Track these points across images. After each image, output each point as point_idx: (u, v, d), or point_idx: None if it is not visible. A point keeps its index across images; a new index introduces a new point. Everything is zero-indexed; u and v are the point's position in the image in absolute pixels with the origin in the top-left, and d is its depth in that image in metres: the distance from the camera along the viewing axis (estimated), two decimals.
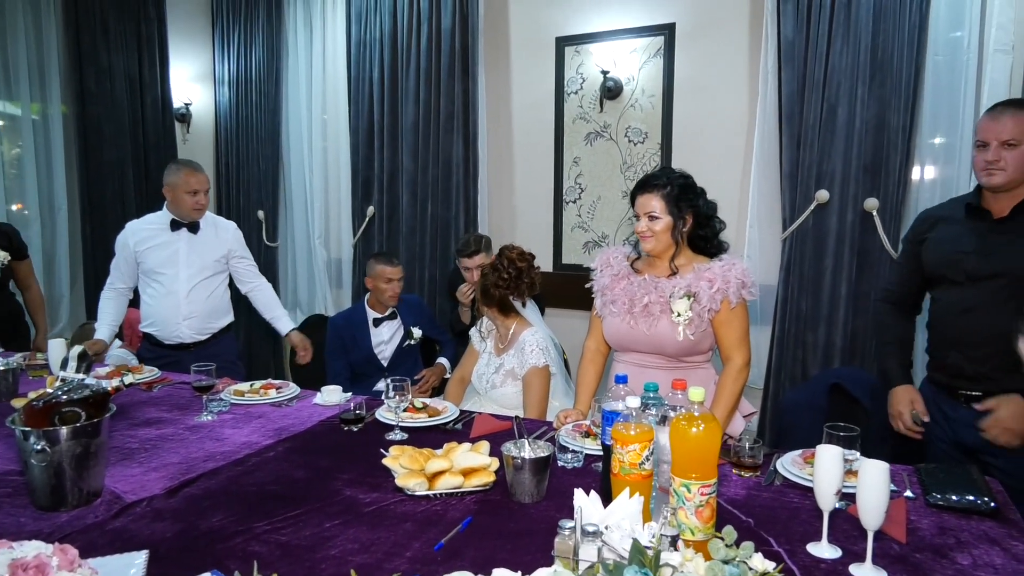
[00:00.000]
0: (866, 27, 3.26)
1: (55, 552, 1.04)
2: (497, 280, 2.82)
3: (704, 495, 1.38)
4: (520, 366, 2.77)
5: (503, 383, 2.82)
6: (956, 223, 2.29)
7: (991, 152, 2.15)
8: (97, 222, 4.80)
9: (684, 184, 2.31)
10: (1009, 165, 2.13)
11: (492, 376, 2.86)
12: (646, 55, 3.94)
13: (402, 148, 4.53)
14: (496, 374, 2.85)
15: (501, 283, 2.81)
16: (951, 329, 2.26)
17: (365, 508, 1.67)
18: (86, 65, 4.72)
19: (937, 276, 2.31)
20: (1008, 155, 2.13)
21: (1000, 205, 2.20)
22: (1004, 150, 2.14)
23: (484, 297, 2.86)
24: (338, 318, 3.72)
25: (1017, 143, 2.12)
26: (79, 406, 1.64)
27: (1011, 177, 2.14)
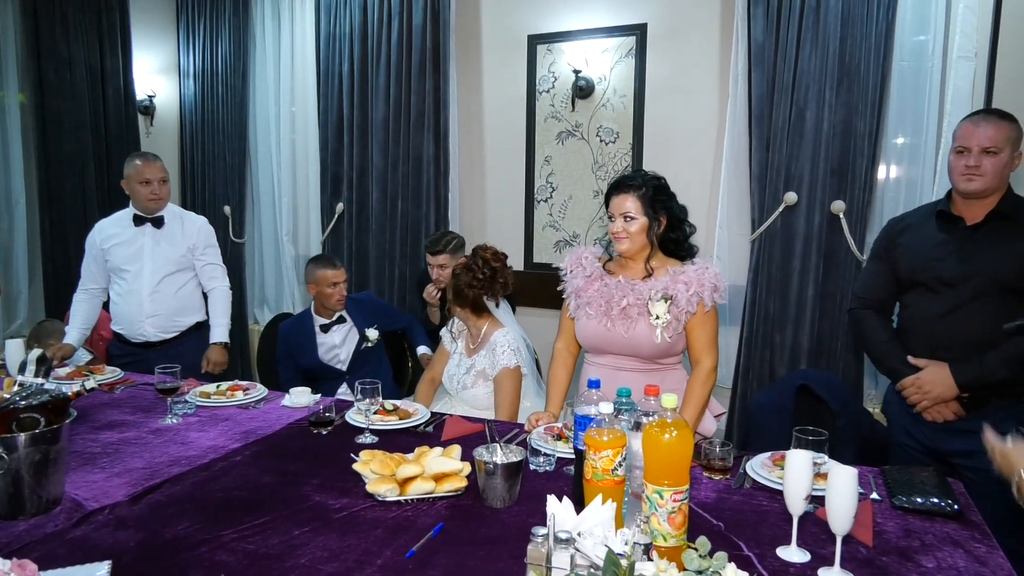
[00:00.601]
0: (834, 32, 3.30)
1: (13, 568, 1.01)
2: (471, 280, 2.79)
3: (676, 502, 1.38)
4: (491, 367, 2.76)
5: (474, 384, 2.80)
6: (928, 229, 2.33)
7: (972, 158, 2.19)
8: (56, 216, 4.66)
9: (658, 185, 2.32)
10: (988, 172, 2.18)
11: (463, 377, 2.84)
12: (618, 55, 3.94)
13: (372, 144, 4.48)
14: (467, 375, 2.84)
15: (475, 283, 2.79)
16: (928, 335, 2.29)
17: (335, 515, 1.64)
18: (45, 54, 4.57)
19: (911, 282, 2.34)
20: (987, 162, 2.18)
21: (972, 212, 2.24)
22: (984, 157, 2.18)
23: (457, 297, 2.83)
24: (286, 326, 3.58)
25: (997, 151, 2.17)
26: (38, 412, 1.59)
27: (988, 184, 2.19)
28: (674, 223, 2.34)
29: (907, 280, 2.35)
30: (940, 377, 2.22)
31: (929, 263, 2.28)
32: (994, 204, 2.21)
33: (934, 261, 2.27)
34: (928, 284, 2.28)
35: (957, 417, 2.25)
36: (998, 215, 2.20)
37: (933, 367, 2.24)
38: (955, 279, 2.22)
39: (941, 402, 2.24)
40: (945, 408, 2.25)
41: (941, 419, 2.27)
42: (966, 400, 2.23)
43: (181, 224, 3.24)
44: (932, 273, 2.27)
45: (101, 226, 3.24)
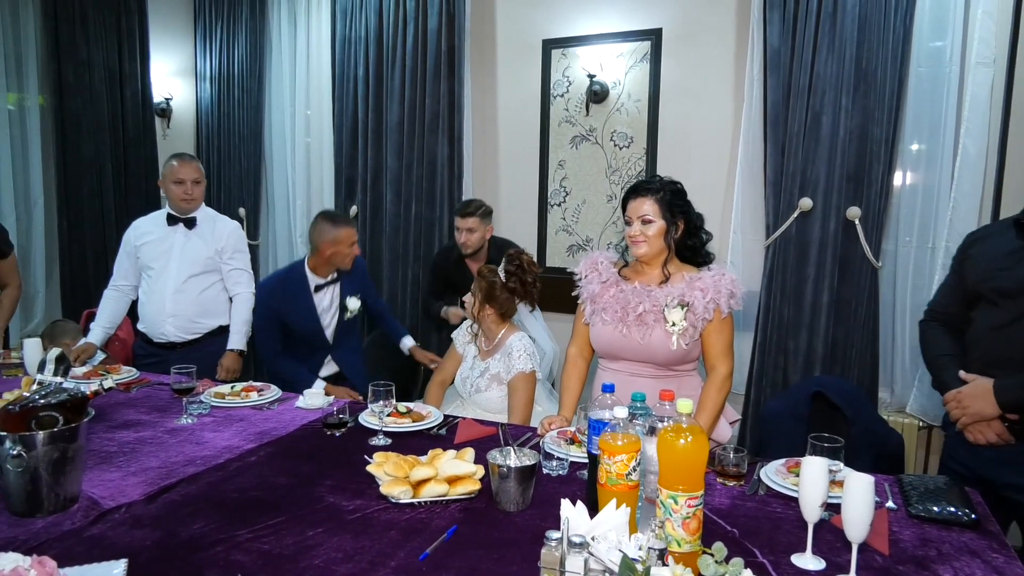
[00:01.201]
0: (851, 37, 3.28)
1: (33, 564, 1.02)
2: (509, 282, 2.80)
3: (691, 507, 1.38)
4: (507, 371, 2.75)
5: (488, 387, 2.80)
6: (1001, 240, 2.17)
7: None
8: (74, 217, 4.71)
9: (676, 190, 2.32)
10: None
11: (477, 380, 2.84)
12: (633, 59, 3.94)
13: (386, 147, 4.50)
14: (481, 378, 2.84)
15: (512, 286, 2.80)
16: (983, 349, 2.16)
17: (349, 516, 1.65)
18: (64, 57, 4.63)
19: (975, 295, 2.21)
20: None
21: None
22: None
23: (488, 298, 2.81)
24: (270, 283, 3.27)
25: None
26: (56, 410, 1.61)
27: None
28: (691, 229, 2.34)
29: (972, 292, 2.21)
30: (981, 392, 2.07)
31: (992, 273, 2.13)
32: None
33: (997, 271, 2.12)
34: (989, 296, 2.14)
35: (1003, 442, 2.07)
36: None
37: (978, 381, 2.10)
38: (1015, 291, 2.06)
39: (982, 420, 2.08)
40: (987, 428, 2.08)
41: (984, 440, 2.10)
42: (1018, 426, 2.05)
43: (213, 226, 3.26)
44: (993, 284, 2.12)
45: (137, 224, 3.28)
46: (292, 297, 3.17)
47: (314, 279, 3.21)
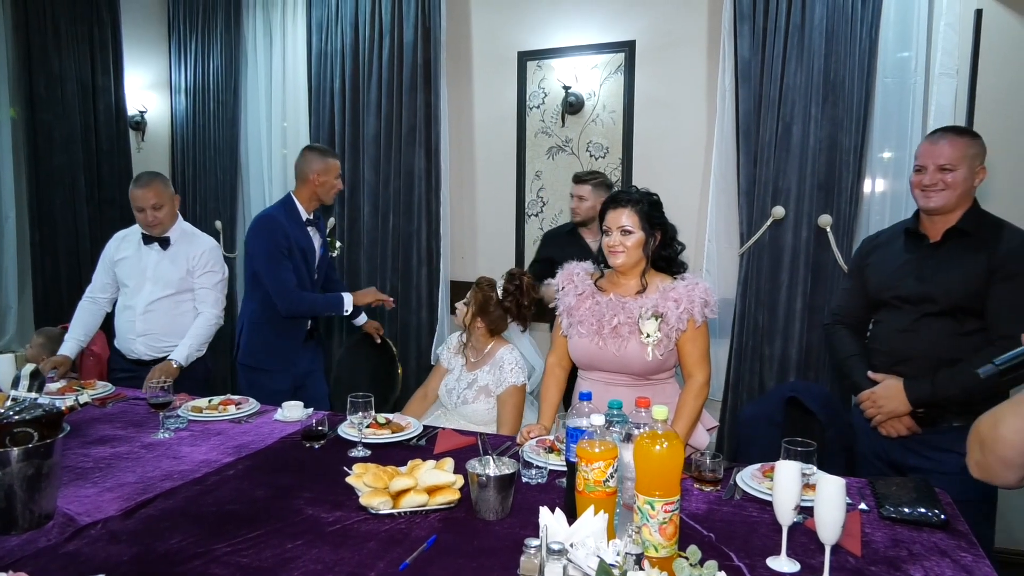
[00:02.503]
0: (819, 49, 3.35)
1: None
2: (504, 300, 2.85)
3: (667, 512, 1.40)
4: (496, 383, 2.78)
5: (475, 399, 2.81)
6: (895, 248, 2.40)
7: (928, 176, 2.25)
8: (47, 230, 4.66)
9: (654, 201, 2.36)
10: (948, 188, 2.22)
11: (464, 391, 2.85)
12: (607, 71, 3.99)
13: (363, 160, 4.51)
14: (468, 389, 2.85)
15: (507, 304, 2.85)
16: (888, 350, 2.34)
17: (328, 528, 1.65)
18: (36, 69, 4.58)
19: (878, 300, 2.40)
20: (946, 179, 2.22)
21: (935, 229, 2.29)
22: (940, 174, 2.23)
23: (481, 311, 2.85)
24: (274, 213, 3.17)
25: (953, 167, 2.22)
26: (31, 426, 1.59)
27: (947, 200, 2.23)
28: (667, 240, 2.37)
29: (874, 298, 2.42)
30: (893, 392, 2.26)
31: (891, 282, 2.34)
32: (954, 221, 2.25)
33: (895, 280, 2.33)
34: (891, 302, 2.35)
35: (911, 432, 2.28)
36: (957, 232, 2.24)
37: (888, 382, 2.29)
38: (913, 297, 2.27)
39: (894, 417, 2.28)
40: (899, 423, 2.29)
41: (895, 433, 2.31)
42: (922, 416, 2.26)
43: (188, 245, 3.20)
44: (893, 292, 2.34)
45: (118, 236, 3.25)
46: (295, 226, 3.16)
47: (304, 212, 3.22)
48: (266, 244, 3.07)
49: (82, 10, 4.79)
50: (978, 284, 2.17)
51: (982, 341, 2.16)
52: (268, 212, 3.24)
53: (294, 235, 3.14)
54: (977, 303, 2.18)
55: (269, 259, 3.06)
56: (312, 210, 3.25)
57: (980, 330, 2.18)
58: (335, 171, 3.21)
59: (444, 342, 3.07)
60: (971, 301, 2.18)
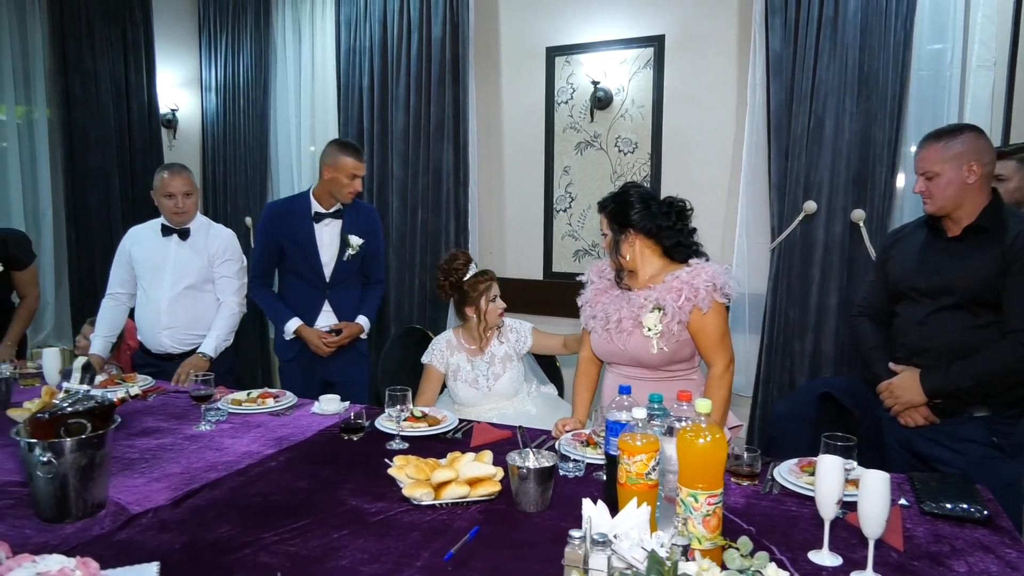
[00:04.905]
0: (853, 42, 3.32)
1: (78, 566, 1.05)
2: None
3: (711, 505, 1.40)
4: (515, 344, 3.01)
5: (504, 370, 2.94)
6: (915, 241, 2.40)
7: (918, 184, 2.28)
8: (82, 228, 4.74)
9: (620, 201, 2.37)
10: (935, 194, 2.24)
11: (489, 371, 2.94)
12: (636, 66, 3.98)
13: (392, 156, 4.54)
14: (492, 367, 2.95)
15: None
16: (907, 342, 2.35)
17: (371, 518, 1.68)
18: (71, 69, 4.66)
19: (897, 292, 2.41)
20: (931, 186, 2.24)
21: (955, 225, 2.28)
22: (927, 182, 2.24)
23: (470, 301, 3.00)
24: (275, 203, 3.31)
25: (935, 174, 2.22)
26: (84, 417, 1.64)
27: (940, 205, 2.24)
28: (650, 231, 2.34)
29: (894, 290, 2.43)
30: (909, 383, 2.29)
31: (909, 275, 2.36)
32: (973, 219, 2.24)
33: (913, 273, 2.34)
34: (909, 294, 2.36)
35: (929, 422, 2.30)
36: (975, 229, 2.23)
37: (906, 373, 2.31)
38: (929, 290, 2.28)
39: (912, 407, 2.31)
40: (916, 413, 2.31)
41: (913, 424, 2.33)
42: (941, 407, 2.28)
43: (206, 236, 3.24)
44: (910, 284, 2.35)
45: (132, 232, 3.28)
46: (295, 219, 3.18)
47: (316, 206, 3.20)
48: (258, 227, 3.32)
49: (115, 11, 4.86)
50: (993, 276, 2.17)
51: (997, 334, 2.17)
52: (272, 201, 3.36)
53: (290, 228, 3.17)
54: (992, 296, 2.18)
55: (259, 236, 3.29)
56: (330, 206, 3.22)
57: (996, 323, 2.19)
58: (347, 169, 3.10)
59: (430, 348, 3.07)
60: (986, 294, 2.18)
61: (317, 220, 3.21)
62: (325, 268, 3.24)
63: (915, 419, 2.32)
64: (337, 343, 3.20)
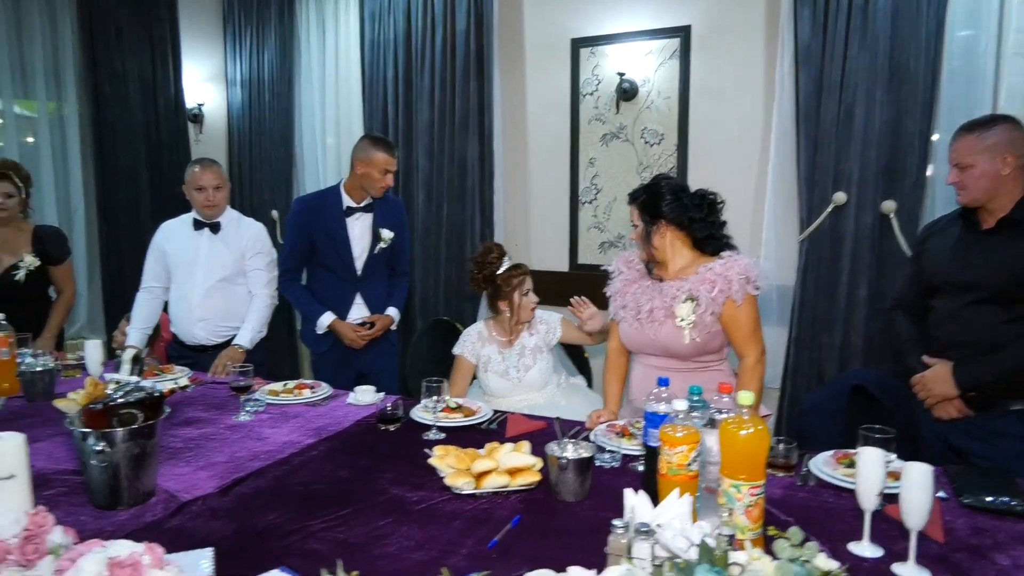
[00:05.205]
0: (883, 30, 3.29)
1: (145, 551, 1.08)
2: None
3: (753, 495, 1.42)
4: (545, 335, 3.02)
5: (535, 361, 2.96)
6: (950, 234, 2.39)
7: (951, 175, 2.27)
8: (112, 223, 4.83)
9: (652, 192, 2.37)
10: (968, 186, 2.22)
11: (519, 362, 2.97)
12: (662, 57, 3.97)
13: (417, 148, 4.57)
14: (523, 358, 2.97)
15: None
16: (943, 333, 2.35)
17: (414, 506, 1.71)
18: (100, 67, 4.74)
19: (932, 285, 2.40)
20: (964, 177, 2.22)
21: (989, 217, 2.27)
22: (960, 173, 2.23)
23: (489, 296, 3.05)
24: (306, 197, 3.37)
25: (968, 165, 2.21)
26: (136, 408, 1.68)
27: (973, 197, 2.24)
28: (681, 223, 2.35)
29: (928, 283, 2.42)
30: (942, 376, 2.29)
31: (943, 268, 2.35)
32: (1006, 211, 2.22)
33: (947, 266, 2.34)
34: (943, 288, 2.35)
35: (963, 415, 2.30)
36: (1009, 222, 2.22)
37: (939, 366, 2.31)
38: (963, 283, 2.27)
39: (945, 400, 2.30)
40: (949, 406, 2.31)
41: (947, 416, 2.33)
42: (975, 400, 2.27)
43: (237, 229, 3.28)
44: (944, 277, 2.34)
45: (164, 227, 3.32)
46: (325, 212, 3.21)
47: (347, 200, 3.23)
48: (288, 223, 3.36)
49: (142, 7, 4.92)
50: None
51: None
52: (302, 196, 3.40)
53: (322, 222, 3.20)
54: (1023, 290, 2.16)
55: (290, 232, 3.33)
56: (360, 200, 3.25)
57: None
58: (380, 164, 3.12)
59: (461, 340, 3.09)
60: (1017, 288, 2.17)
61: (348, 214, 3.24)
62: (356, 261, 3.28)
63: (948, 412, 2.32)
64: (371, 336, 3.23)
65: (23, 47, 4.52)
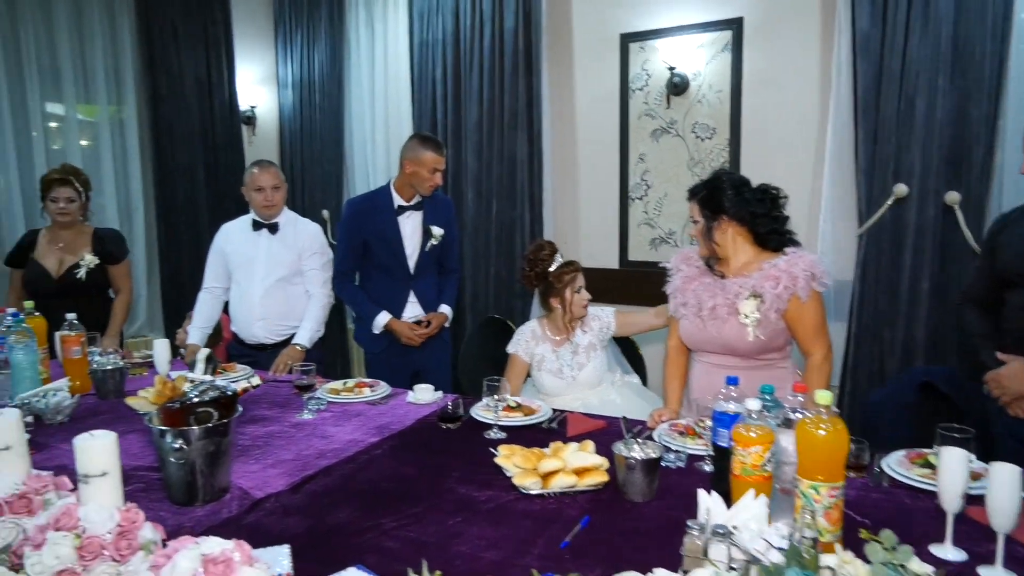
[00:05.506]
0: (946, 17, 3.19)
1: (236, 548, 1.11)
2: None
3: (832, 497, 1.39)
4: (599, 332, 3.00)
5: (589, 359, 2.95)
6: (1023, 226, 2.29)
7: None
8: (171, 222, 4.94)
9: (713, 187, 2.34)
10: None
11: (573, 360, 2.95)
12: (713, 50, 3.91)
13: (466, 147, 4.58)
14: (576, 356, 2.96)
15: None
16: (1017, 328, 2.26)
17: (483, 505, 1.71)
18: (158, 68, 4.84)
19: (1005, 279, 2.31)
20: None
21: None
22: None
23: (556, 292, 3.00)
24: (358, 198, 3.39)
25: None
26: (211, 406, 1.72)
27: None
28: (744, 218, 2.31)
29: (1001, 277, 2.33)
30: (1019, 372, 2.21)
31: (1018, 260, 2.25)
32: None
33: (1022, 258, 2.23)
34: (1017, 281, 2.25)
35: None
36: None
37: (1015, 363, 2.22)
38: None
39: (1021, 397, 2.22)
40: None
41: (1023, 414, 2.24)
42: None
43: (295, 229, 3.34)
44: (1019, 270, 2.24)
45: (225, 228, 3.40)
46: (378, 213, 3.25)
47: (398, 199, 3.26)
48: (340, 225, 3.38)
49: (197, 9, 5.02)
50: None
51: None
52: (353, 198, 3.44)
53: (374, 222, 3.23)
54: None
55: (342, 233, 3.35)
56: (410, 198, 3.27)
57: None
58: (429, 163, 3.13)
59: (515, 338, 3.08)
60: None
61: (399, 213, 3.27)
62: (409, 259, 3.30)
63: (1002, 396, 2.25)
64: (427, 334, 3.26)
65: (85, 51, 4.65)
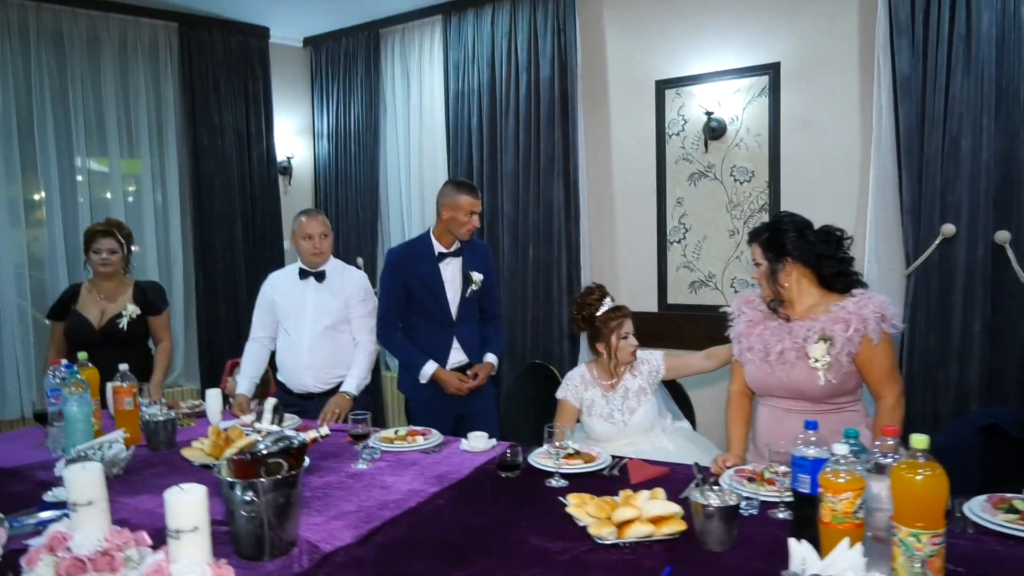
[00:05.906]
0: (988, 58, 3.20)
1: None
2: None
3: (935, 545, 1.34)
4: (648, 375, 2.97)
5: (639, 404, 2.91)
6: None
7: None
8: (209, 271, 5.00)
9: (776, 229, 2.33)
10: None
11: (623, 405, 2.92)
12: (750, 95, 3.94)
13: (502, 194, 4.62)
14: (627, 401, 2.92)
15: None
16: None
17: (558, 556, 1.67)
18: (199, 121, 4.96)
19: None
20: None
21: None
22: None
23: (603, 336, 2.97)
24: (399, 247, 3.40)
25: None
26: (281, 457, 1.70)
27: None
28: (809, 261, 2.29)
29: None
30: None
31: None
32: None
33: None
34: None
35: None
36: None
37: None
38: None
39: None
40: None
41: None
42: None
43: (341, 277, 3.35)
44: None
45: (272, 277, 3.42)
46: (419, 260, 3.25)
47: (438, 246, 3.27)
48: (383, 275, 3.35)
49: (237, 65, 5.16)
50: None
51: None
52: (394, 247, 3.44)
53: (416, 270, 3.23)
54: None
55: (385, 282, 3.31)
56: (450, 245, 3.28)
57: None
58: (465, 207, 3.15)
59: (564, 383, 3.05)
60: None
61: (440, 259, 3.27)
62: (451, 305, 3.29)
63: None
64: (475, 386, 3.23)
65: (130, 107, 4.78)
